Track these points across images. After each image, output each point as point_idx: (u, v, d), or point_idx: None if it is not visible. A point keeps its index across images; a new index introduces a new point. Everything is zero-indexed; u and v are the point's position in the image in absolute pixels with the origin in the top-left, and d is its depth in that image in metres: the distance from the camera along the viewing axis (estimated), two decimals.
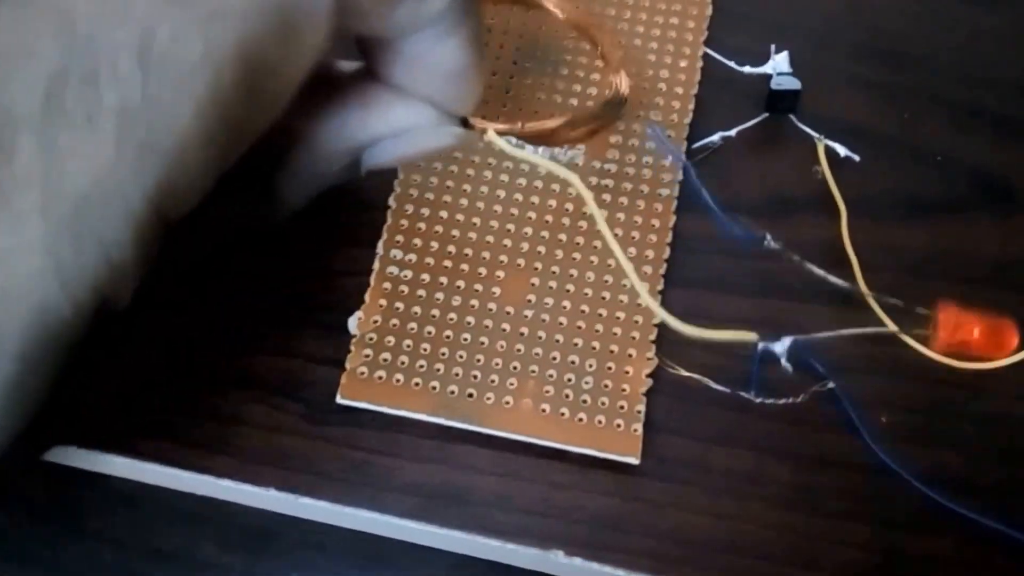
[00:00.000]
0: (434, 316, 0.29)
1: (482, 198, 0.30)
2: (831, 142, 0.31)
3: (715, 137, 0.32)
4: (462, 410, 0.27)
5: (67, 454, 0.27)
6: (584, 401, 0.28)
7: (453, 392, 0.28)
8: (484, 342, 0.28)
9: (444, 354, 0.28)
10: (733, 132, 0.32)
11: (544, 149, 0.30)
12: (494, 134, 0.27)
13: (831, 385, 0.28)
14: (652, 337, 0.28)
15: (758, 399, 0.27)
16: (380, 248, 0.30)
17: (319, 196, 0.28)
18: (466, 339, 0.28)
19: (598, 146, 0.31)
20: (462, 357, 0.28)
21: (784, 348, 0.25)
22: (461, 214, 0.30)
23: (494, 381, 0.28)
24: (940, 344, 0.25)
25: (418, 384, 0.28)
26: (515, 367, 0.28)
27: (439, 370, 0.28)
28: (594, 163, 0.31)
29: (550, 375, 0.28)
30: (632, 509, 0.27)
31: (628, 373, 0.28)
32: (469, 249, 0.30)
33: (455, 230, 0.30)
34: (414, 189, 0.31)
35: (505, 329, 0.28)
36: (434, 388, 0.28)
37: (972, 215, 0.31)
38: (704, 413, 0.28)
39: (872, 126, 0.33)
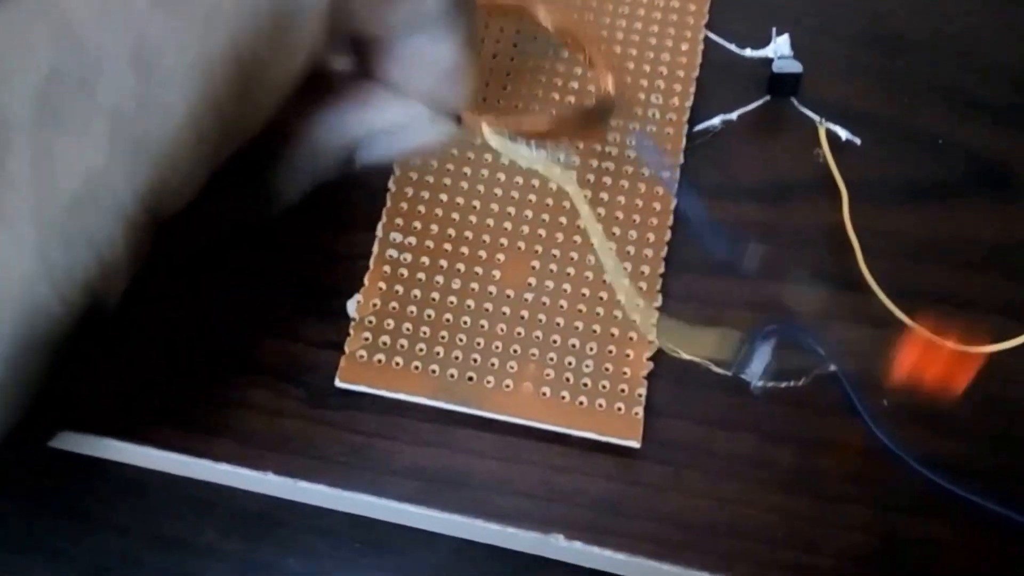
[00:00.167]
0: (434, 299, 0.28)
1: (482, 181, 0.30)
2: (832, 125, 0.31)
3: (716, 120, 0.31)
4: (462, 393, 0.27)
5: (69, 440, 0.27)
6: (585, 384, 0.27)
7: (453, 375, 0.27)
8: (484, 325, 0.28)
9: (444, 337, 0.28)
10: (734, 115, 0.32)
11: (537, 145, 0.30)
12: (488, 130, 0.27)
13: (832, 368, 0.27)
14: (653, 320, 0.28)
15: (759, 382, 0.27)
16: (379, 231, 0.30)
17: (314, 189, 0.28)
18: (466, 322, 0.28)
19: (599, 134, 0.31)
20: (462, 340, 0.28)
21: (770, 346, 0.26)
22: (461, 197, 0.30)
23: (494, 364, 0.28)
24: (893, 380, 0.27)
25: (418, 367, 0.28)
26: (515, 350, 0.28)
27: (439, 353, 0.28)
28: (595, 146, 0.31)
29: (550, 358, 0.28)
30: (633, 493, 0.27)
31: (629, 356, 0.28)
32: (469, 232, 0.30)
33: (455, 213, 0.30)
34: (414, 172, 0.30)
35: (505, 312, 0.28)
36: (434, 371, 0.28)
37: (972, 199, 0.31)
38: (705, 397, 0.28)
39: (873, 110, 0.33)
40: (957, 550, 0.27)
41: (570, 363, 0.28)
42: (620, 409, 0.27)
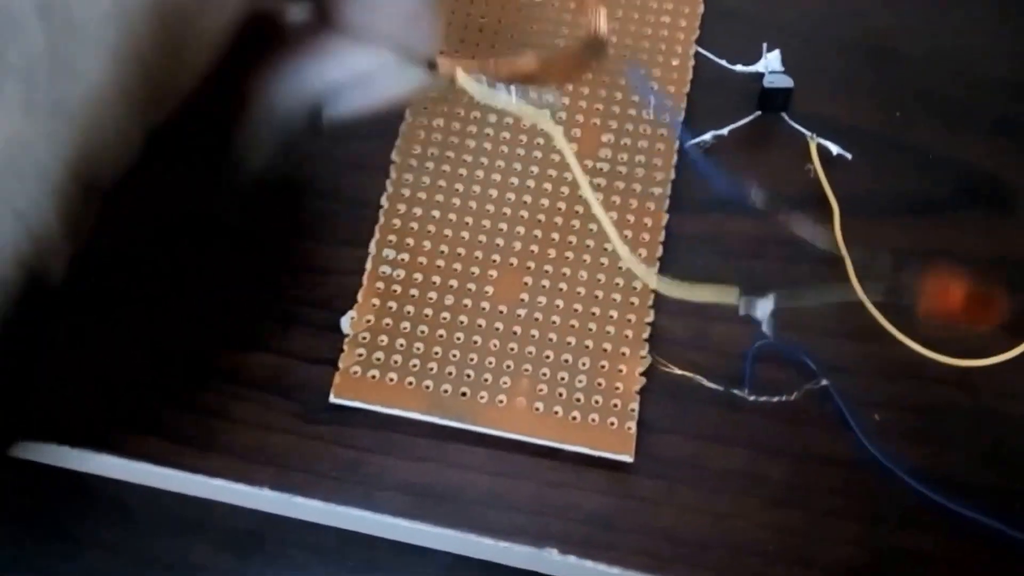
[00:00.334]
0: (427, 315, 0.29)
1: (474, 198, 0.30)
2: (823, 140, 0.31)
3: (707, 136, 0.32)
4: (455, 409, 0.27)
5: (57, 455, 0.27)
6: (578, 399, 0.28)
7: (446, 391, 0.28)
8: (477, 341, 0.28)
9: (437, 353, 0.28)
10: (725, 131, 0.32)
11: (521, 90, 0.28)
12: (464, 76, 0.26)
13: (824, 383, 0.28)
14: (645, 336, 0.28)
15: (751, 397, 0.27)
16: (373, 248, 0.30)
17: (307, 194, 0.27)
18: (459, 338, 0.28)
19: (591, 139, 0.31)
20: (455, 356, 0.28)
21: (766, 312, 0.25)
22: (453, 214, 0.30)
23: (487, 380, 0.28)
24: (925, 310, 0.25)
25: (411, 383, 0.28)
26: (508, 366, 0.28)
27: (432, 369, 0.28)
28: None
29: (543, 374, 0.28)
30: (626, 507, 0.27)
31: (621, 372, 0.28)
32: (462, 248, 0.30)
33: (447, 229, 0.30)
34: (406, 189, 0.31)
35: (498, 328, 0.28)
36: (427, 387, 0.28)
37: (963, 213, 0.32)
38: (697, 411, 0.28)
39: (864, 125, 0.33)
40: (949, 564, 0.27)
41: (563, 378, 0.28)
42: (613, 424, 0.27)
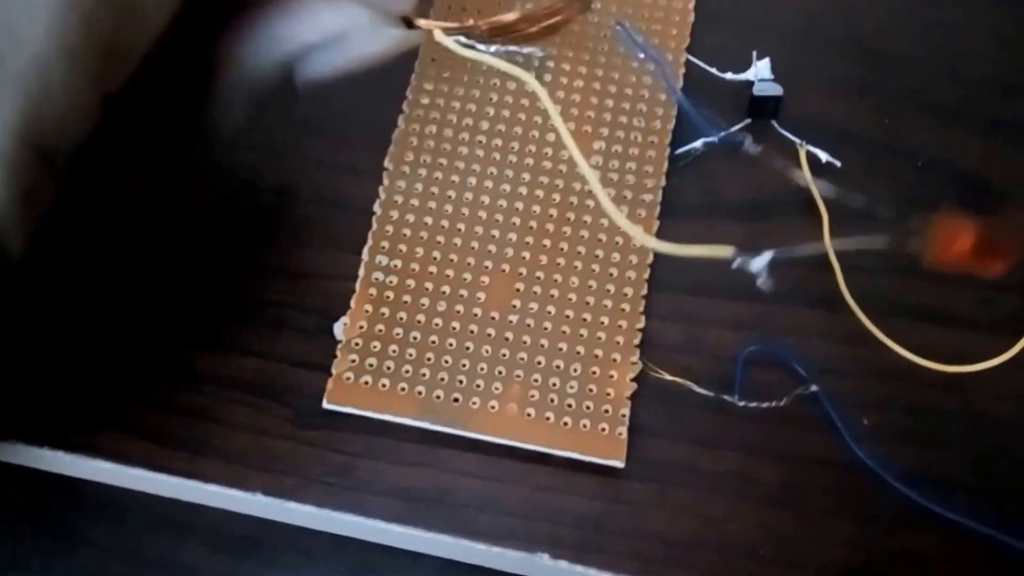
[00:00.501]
0: (419, 321, 0.29)
1: (467, 205, 0.31)
2: (812, 147, 0.32)
3: (698, 143, 0.32)
4: (448, 414, 0.28)
5: (49, 460, 0.27)
6: (569, 405, 0.28)
7: (439, 397, 0.28)
8: (469, 347, 0.28)
9: (430, 359, 0.28)
10: (716, 138, 0.32)
11: (502, 44, 0.27)
12: (441, 34, 0.25)
13: (814, 388, 0.28)
14: (636, 341, 0.29)
15: (741, 403, 0.28)
16: (366, 254, 0.30)
17: (301, 200, 0.27)
18: (451, 344, 0.28)
19: (583, 145, 0.32)
20: (447, 362, 0.28)
21: (763, 264, 0.25)
22: (446, 220, 0.30)
23: (479, 385, 0.28)
24: (934, 256, 0.24)
25: (404, 389, 0.28)
26: (500, 372, 0.28)
27: (425, 375, 0.28)
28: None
29: (535, 379, 0.28)
30: (617, 512, 0.27)
31: (612, 377, 0.28)
32: (454, 255, 0.30)
33: (440, 236, 0.30)
34: (399, 196, 0.31)
35: (490, 334, 0.29)
36: (420, 393, 0.28)
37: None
38: (688, 416, 0.28)
39: (854, 130, 0.33)
40: (938, 565, 0.27)
41: (554, 384, 0.28)
42: (604, 429, 0.27)
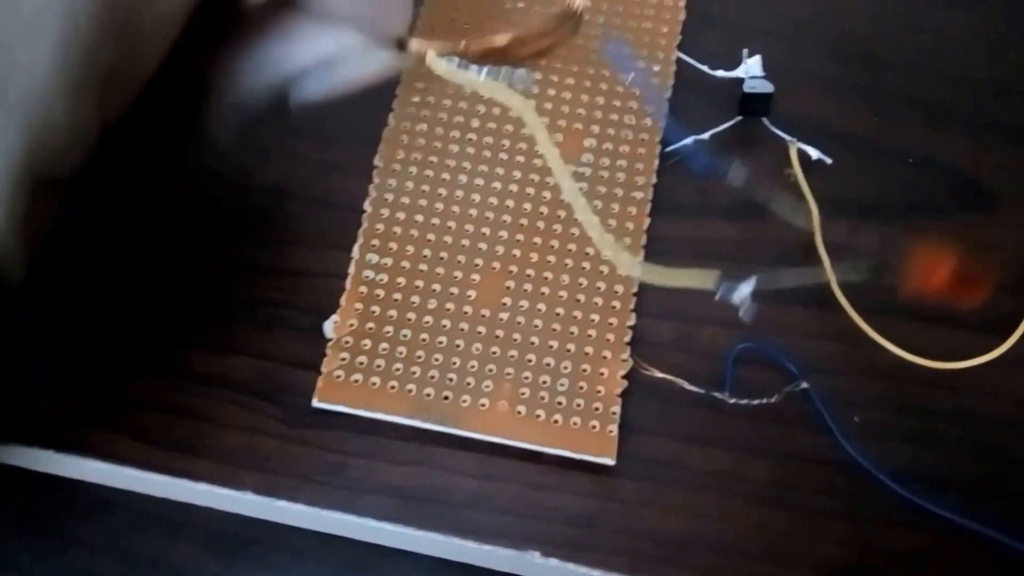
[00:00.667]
0: (410, 319, 0.29)
1: (457, 202, 0.31)
2: (803, 145, 0.32)
3: (689, 140, 0.32)
4: (439, 412, 0.27)
5: (41, 459, 0.27)
6: (560, 403, 0.28)
7: (429, 395, 0.28)
8: (460, 345, 0.28)
9: (420, 357, 0.28)
10: (706, 135, 0.32)
11: (492, 68, 0.27)
12: (434, 57, 0.25)
13: (804, 385, 0.28)
14: (627, 339, 0.29)
15: (731, 400, 0.28)
16: (356, 252, 0.30)
17: (290, 198, 0.27)
18: (442, 342, 0.28)
19: (574, 144, 0.32)
20: (438, 360, 0.28)
21: (745, 294, 0.25)
22: (436, 218, 0.30)
23: (470, 383, 0.28)
24: (912, 288, 0.25)
25: (394, 387, 0.28)
26: (491, 369, 0.28)
27: (415, 373, 0.28)
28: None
29: (526, 377, 0.28)
30: (608, 509, 0.27)
31: (603, 375, 0.28)
32: (444, 253, 0.30)
33: (430, 234, 0.30)
34: (389, 194, 0.31)
35: (481, 332, 0.29)
36: (410, 391, 0.28)
37: (944, 216, 0.32)
38: (679, 414, 0.28)
39: (844, 128, 0.33)
40: (931, 563, 0.27)
41: (545, 382, 0.28)
42: (595, 427, 0.27)
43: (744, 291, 0.25)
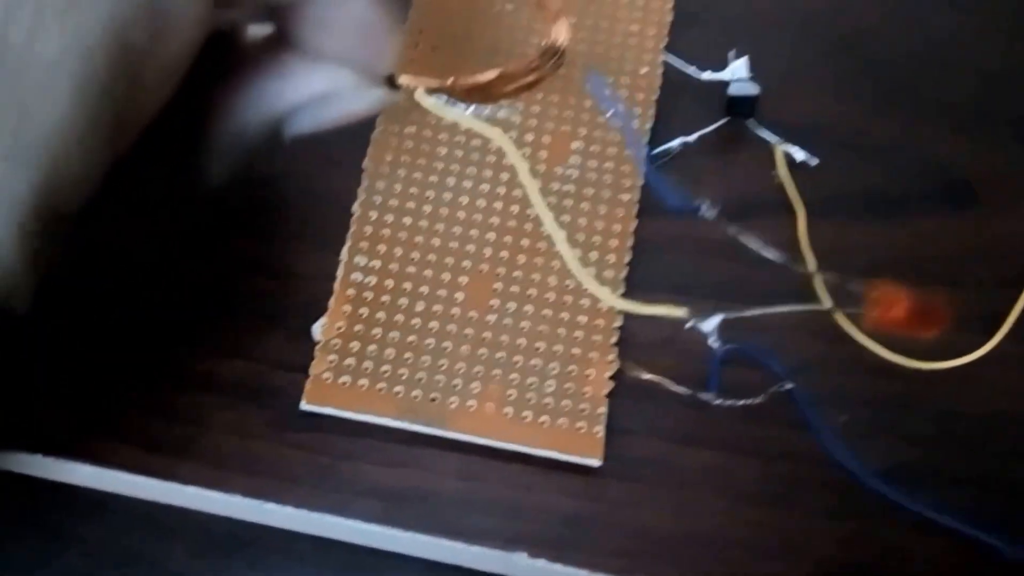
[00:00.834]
0: (398, 321, 0.29)
1: (445, 204, 0.31)
2: (789, 146, 0.32)
3: (675, 143, 0.32)
4: (427, 414, 0.28)
5: (32, 464, 0.27)
6: (547, 404, 0.28)
7: (417, 396, 0.28)
8: (448, 347, 0.29)
9: (408, 359, 0.28)
10: (693, 137, 0.32)
11: (478, 104, 0.29)
12: (422, 93, 0.26)
13: (789, 386, 0.28)
14: (614, 340, 0.29)
15: (717, 400, 0.28)
16: (344, 254, 0.30)
17: (278, 200, 0.27)
18: (430, 344, 0.29)
19: (561, 146, 0.32)
20: (426, 362, 0.28)
21: (713, 326, 0.26)
22: (425, 220, 0.30)
23: (458, 385, 0.28)
24: (871, 321, 0.25)
25: (383, 389, 0.28)
26: (479, 371, 0.28)
27: (403, 375, 0.28)
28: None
29: (513, 379, 0.28)
30: (596, 510, 0.27)
31: (590, 376, 0.28)
32: (433, 255, 0.30)
33: (418, 236, 0.30)
34: (378, 196, 0.31)
35: (468, 333, 0.29)
36: (399, 393, 0.28)
37: (931, 215, 0.32)
38: (665, 414, 0.28)
39: (831, 128, 0.33)
40: (917, 562, 0.27)
41: (532, 383, 0.28)
42: (582, 428, 0.28)
43: (712, 322, 0.26)
